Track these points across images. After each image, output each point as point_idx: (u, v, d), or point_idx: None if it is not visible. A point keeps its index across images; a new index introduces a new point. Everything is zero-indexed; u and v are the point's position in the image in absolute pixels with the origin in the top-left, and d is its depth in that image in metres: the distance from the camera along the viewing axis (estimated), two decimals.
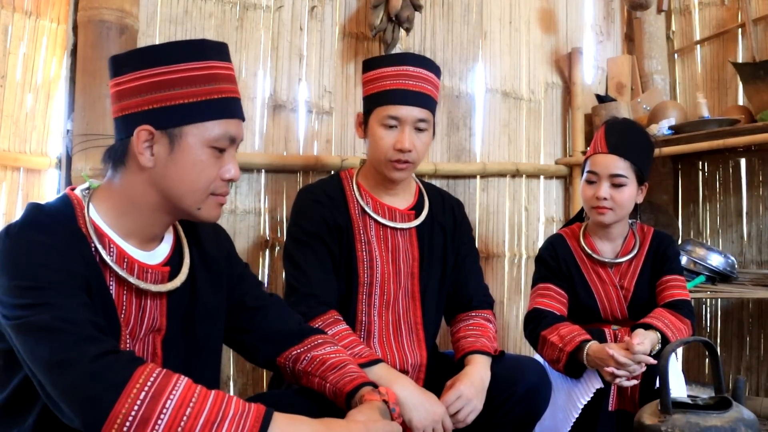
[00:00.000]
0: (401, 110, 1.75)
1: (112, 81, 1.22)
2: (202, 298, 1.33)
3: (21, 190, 2.08)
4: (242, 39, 2.38)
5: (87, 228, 1.18)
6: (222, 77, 1.23)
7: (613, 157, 1.96)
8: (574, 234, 2.13)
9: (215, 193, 1.24)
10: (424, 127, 1.78)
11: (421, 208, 1.90)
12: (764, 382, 3.01)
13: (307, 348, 1.43)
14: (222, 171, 1.23)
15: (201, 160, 1.20)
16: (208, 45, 1.24)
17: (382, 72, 1.79)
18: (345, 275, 1.81)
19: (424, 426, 1.51)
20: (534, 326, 1.97)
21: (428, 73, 1.80)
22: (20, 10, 2.05)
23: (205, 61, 1.21)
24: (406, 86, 1.76)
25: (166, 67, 1.18)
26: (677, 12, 3.38)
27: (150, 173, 1.20)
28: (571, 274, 2.07)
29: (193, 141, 1.19)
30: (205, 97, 1.20)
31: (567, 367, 1.85)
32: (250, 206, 2.38)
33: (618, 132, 1.99)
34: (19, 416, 1.15)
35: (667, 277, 2.03)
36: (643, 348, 1.74)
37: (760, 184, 3.09)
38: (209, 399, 1.05)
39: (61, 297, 1.06)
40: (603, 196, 1.95)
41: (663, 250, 2.06)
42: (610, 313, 2.05)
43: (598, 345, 1.80)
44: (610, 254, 2.08)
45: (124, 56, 1.22)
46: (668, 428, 1.37)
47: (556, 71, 3.17)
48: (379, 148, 1.78)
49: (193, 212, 1.24)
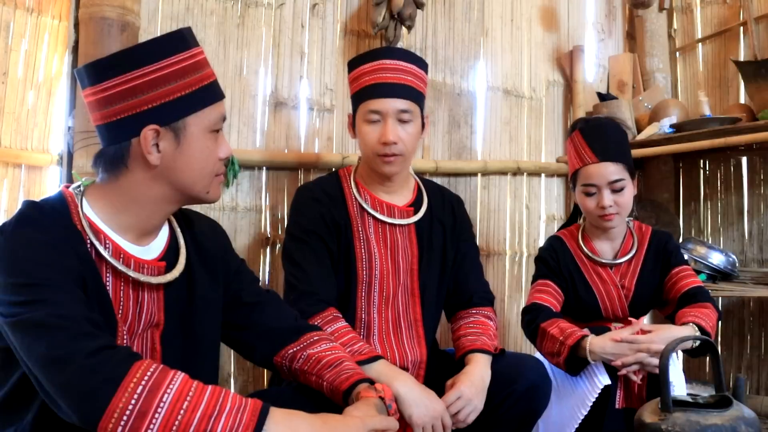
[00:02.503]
0: (381, 103, 1.75)
1: (95, 87, 1.19)
2: (199, 292, 1.34)
3: (22, 187, 2.08)
4: (244, 36, 2.38)
5: (82, 225, 1.18)
6: (204, 62, 1.26)
7: (606, 165, 1.94)
8: (572, 235, 2.13)
9: (217, 174, 1.29)
10: (408, 118, 1.77)
11: (419, 204, 1.90)
12: (765, 380, 3.01)
13: (303, 346, 1.43)
14: (218, 151, 1.27)
15: (207, 146, 1.24)
16: (187, 33, 1.25)
17: (362, 69, 1.80)
18: (344, 273, 1.81)
19: (424, 422, 1.51)
20: (532, 318, 1.96)
21: (406, 65, 1.79)
22: (22, 7, 2.05)
23: (189, 50, 1.23)
24: (383, 79, 1.76)
25: (158, 63, 1.18)
26: (679, 10, 3.38)
27: (157, 169, 1.21)
28: (571, 274, 2.08)
29: (195, 130, 1.22)
30: (198, 86, 1.22)
31: (567, 361, 1.83)
32: (251, 203, 2.38)
33: (598, 136, 1.97)
34: (18, 413, 1.15)
35: (675, 269, 2.03)
36: (648, 337, 1.74)
37: (761, 182, 3.09)
38: (206, 393, 1.05)
39: (57, 293, 1.06)
40: (608, 204, 1.94)
41: (663, 245, 2.07)
42: (612, 312, 2.06)
43: (601, 337, 1.80)
44: (610, 254, 2.09)
45: (107, 60, 1.20)
46: (669, 426, 1.37)
47: (558, 69, 3.17)
48: (366, 144, 1.79)
49: (203, 196, 1.28)
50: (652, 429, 1.40)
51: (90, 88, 1.20)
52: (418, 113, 1.81)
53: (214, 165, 1.27)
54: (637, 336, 1.76)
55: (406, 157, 1.80)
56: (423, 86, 1.84)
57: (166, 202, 1.25)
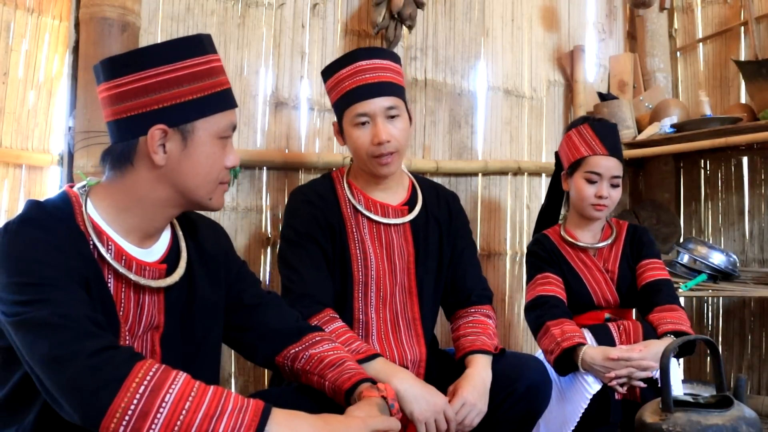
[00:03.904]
0: (367, 105, 1.75)
1: (109, 83, 1.20)
2: (200, 294, 1.34)
3: (23, 187, 2.08)
4: (244, 36, 2.38)
5: (85, 225, 1.18)
6: (219, 69, 1.27)
7: (614, 160, 2.09)
8: (555, 231, 2.24)
9: (222, 182, 1.29)
10: (395, 114, 1.77)
11: (414, 202, 1.90)
12: (766, 380, 3.02)
13: (305, 346, 1.43)
14: (225, 160, 1.27)
15: (213, 152, 1.24)
16: (205, 39, 1.26)
17: (339, 75, 1.80)
18: (340, 274, 1.81)
19: (426, 418, 1.51)
20: (541, 312, 2.00)
21: (382, 62, 1.79)
22: (22, 7, 2.05)
23: (206, 55, 1.24)
24: (364, 81, 1.76)
25: (173, 64, 1.19)
26: (680, 10, 3.38)
27: (162, 170, 1.21)
28: (560, 264, 2.15)
29: (204, 135, 1.22)
30: (211, 91, 1.23)
31: (557, 361, 1.88)
32: (252, 204, 2.38)
33: (609, 133, 2.12)
34: (19, 413, 1.15)
35: (645, 261, 2.15)
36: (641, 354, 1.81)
37: (762, 182, 3.09)
38: (208, 393, 1.05)
39: (60, 293, 1.06)
40: (605, 195, 2.08)
41: (639, 237, 2.20)
42: (602, 297, 2.13)
43: (594, 349, 1.86)
44: (591, 241, 2.19)
45: (123, 57, 1.21)
46: (669, 427, 1.37)
47: (558, 69, 3.17)
48: (359, 148, 1.78)
49: (205, 203, 1.28)
50: (653, 429, 1.40)
51: (105, 84, 1.21)
52: (403, 107, 1.81)
53: (219, 172, 1.27)
54: (631, 353, 1.81)
55: (401, 153, 1.81)
56: (401, 79, 1.84)
57: (169, 205, 1.26)
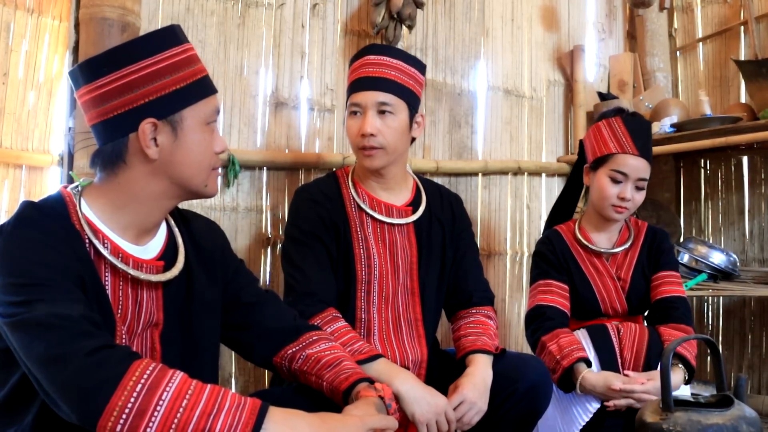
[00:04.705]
0: (360, 96, 1.77)
1: (90, 86, 1.19)
2: (198, 291, 1.34)
3: (23, 187, 2.08)
4: (244, 36, 2.38)
5: (81, 224, 1.18)
6: (195, 58, 1.28)
7: (643, 161, 1.98)
8: (569, 228, 2.15)
9: (214, 167, 1.30)
10: (388, 110, 1.76)
11: (418, 203, 1.90)
12: (766, 380, 3.01)
13: (302, 346, 1.43)
14: (214, 145, 1.29)
15: (203, 138, 1.25)
16: (177, 29, 1.27)
17: (353, 66, 1.85)
18: (343, 273, 1.81)
19: (427, 419, 1.51)
20: (535, 328, 1.97)
21: (390, 59, 1.79)
22: (22, 8, 2.05)
23: (181, 45, 1.25)
24: (366, 74, 1.78)
25: (152, 57, 1.20)
26: (679, 9, 3.38)
27: (156, 164, 1.22)
28: (569, 267, 2.08)
29: (192, 123, 1.23)
30: (192, 79, 1.24)
31: (560, 381, 1.86)
32: (252, 204, 2.38)
33: (643, 132, 2.00)
34: (17, 414, 1.15)
35: (662, 272, 2.05)
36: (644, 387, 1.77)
37: (762, 182, 3.08)
38: (205, 391, 1.05)
39: (56, 293, 1.06)
40: (629, 198, 1.97)
41: (658, 243, 2.09)
42: (609, 305, 2.06)
43: (595, 376, 1.82)
44: (606, 245, 2.10)
45: (101, 58, 1.20)
46: (670, 426, 1.36)
47: (558, 69, 3.17)
48: (349, 138, 1.81)
49: (201, 190, 1.29)
50: (653, 429, 1.39)
51: (85, 87, 1.21)
52: (402, 108, 1.78)
53: (211, 158, 1.28)
54: (634, 386, 1.77)
55: (387, 151, 1.77)
56: (412, 83, 1.81)
57: (165, 197, 1.26)
